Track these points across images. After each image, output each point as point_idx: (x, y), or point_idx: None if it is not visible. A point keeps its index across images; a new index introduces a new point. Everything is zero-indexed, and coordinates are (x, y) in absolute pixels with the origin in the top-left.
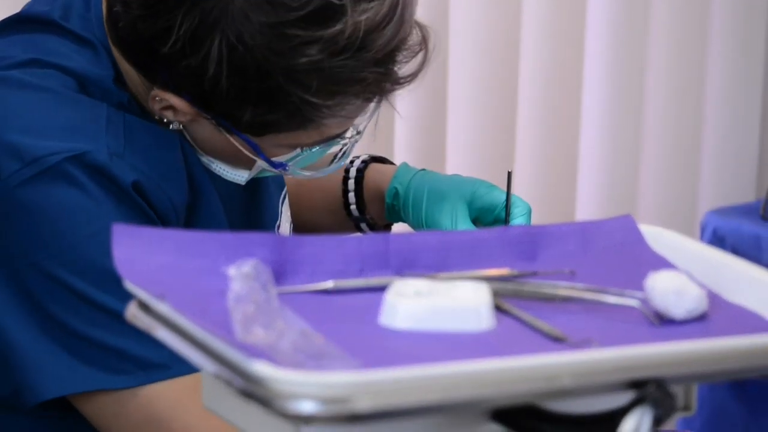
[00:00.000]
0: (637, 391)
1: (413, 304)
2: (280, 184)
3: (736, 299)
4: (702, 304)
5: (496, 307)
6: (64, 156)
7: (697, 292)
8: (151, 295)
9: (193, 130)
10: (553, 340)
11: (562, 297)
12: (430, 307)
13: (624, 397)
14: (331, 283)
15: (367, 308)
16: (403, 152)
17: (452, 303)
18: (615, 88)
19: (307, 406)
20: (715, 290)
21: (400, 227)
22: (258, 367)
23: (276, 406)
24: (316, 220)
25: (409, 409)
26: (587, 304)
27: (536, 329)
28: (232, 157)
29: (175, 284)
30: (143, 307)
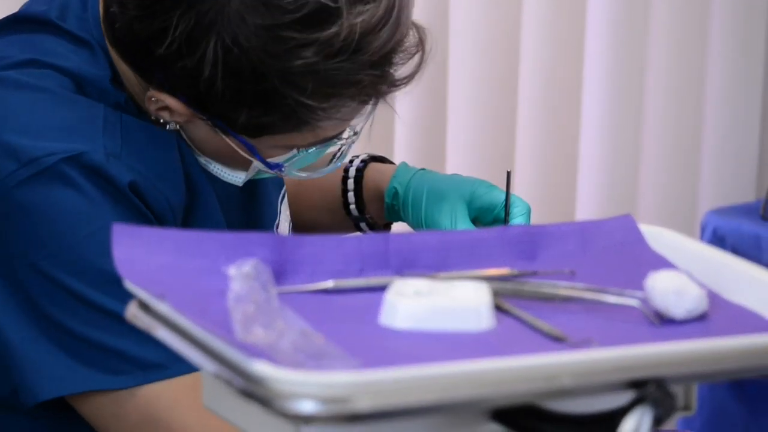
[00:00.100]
0: (637, 391)
1: (413, 303)
2: (279, 183)
3: (736, 299)
4: (702, 304)
5: (496, 307)
6: (61, 157)
7: (697, 292)
8: (151, 295)
9: (190, 131)
10: (553, 340)
11: (562, 297)
12: (430, 306)
13: (624, 397)
14: (331, 283)
15: (367, 308)
16: (403, 152)
17: (452, 303)
18: (615, 88)
19: (307, 406)
20: (715, 290)
21: (400, 227)
22: (258, 367)
23: (276, 406)
24: (316, 219)
25: (409, 409)
26: (587, 303)
27: (536, 329)
28: (229, 157)
29: (175, 284)
30: (143, 307)
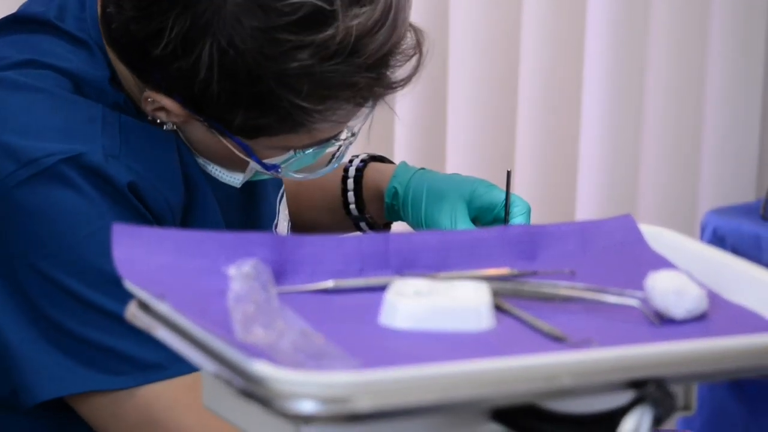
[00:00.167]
0: (636, 390)
1: (413, 303)
2: (278, 183)
3: (736, 299)
4: (702, 303)
5: (496, 307)
6: (60, 157)
7: (697, 292)
8: (151, 295)
9: (187, 132)
10: (553, 340)
11: (562, 297)
12: (430, 306)
13: (624, 397)
14: (331, 283)
15: (367, 308)
16: (403, 152)
17: (452, 303)
18: (615, 88)
19: (307, 406)
20: (715, 290)
21: (400, 226)
22: (258, 367)
23: (276, 406)
24: (316, 219)
25: (409, 409)
26: (587, 303)
27: (536, 329)
28: (226, 158)
29: (175, 284)
30: (143, 307)
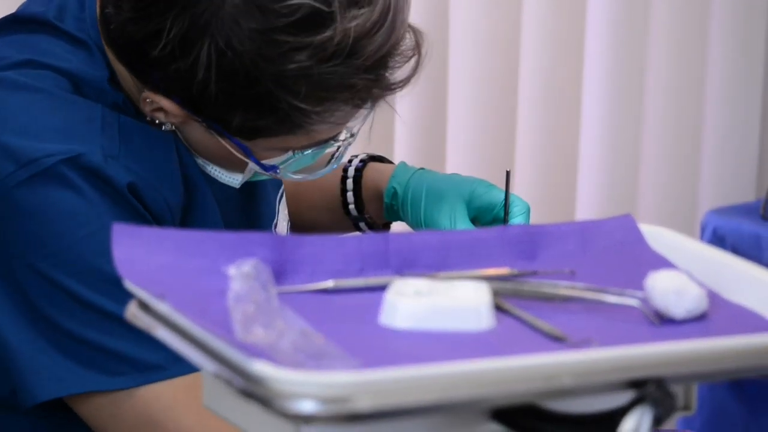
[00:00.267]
0: (636, 390)
1: (413, 303)
2: (277, 183)
3: (736, 299)
4: (702, 303)
5: (496, 307)
6: (59, 158)
7: (697, 291)
8: (151, 295)
9: (186, 132)
10: (553, 340)
11: (562, 296)
12: (430, 306)
13: (624, 397)
14: (331, 283)
15: (367, 308)
16: (403, 152)
17: (452, 303)
18: (615, 88)
19: (307, 406)
20: (715, 290)
21: (400, 226)
22: (258, 367)
23: (276, 406)
24: (315, 218)
25: (409, 409)
26: (587, 303)
27: (536, 329)
28: (225, 159)
29: (175, 284)
30: (143, 307)
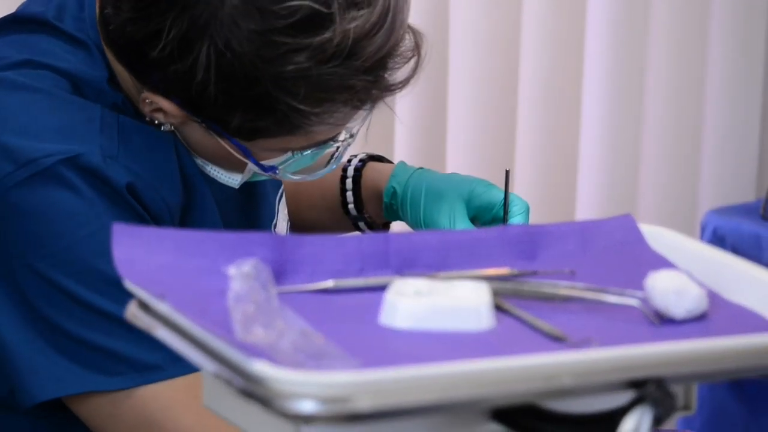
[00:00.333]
0: (636, 390)
1: (413, 303)
2: (277, 183)
3: (736, 299)
4: (702, 303)
5: (496, 307)
6: (58, 158)
7: (697, 291)
8: (151, 295)
9: (185, 133)
10: (553, 340)
11: (562, 296)
12: (430, 306)
13: (624, 397)
14: (331, 283)
15: (367, 308)
16: (403, 152)
17: (452, 302)
18: (615, 88)
19: (307, 406)
20: (715, 290)
21: (399, 226)
22: (258, 367)
23: (276, 406)
24: (315, 218)
25: (409, 409)
26: (587, 303)
27: (536, 329)
28: (224, 159)
29: (175, 284)
30: (143, 307)
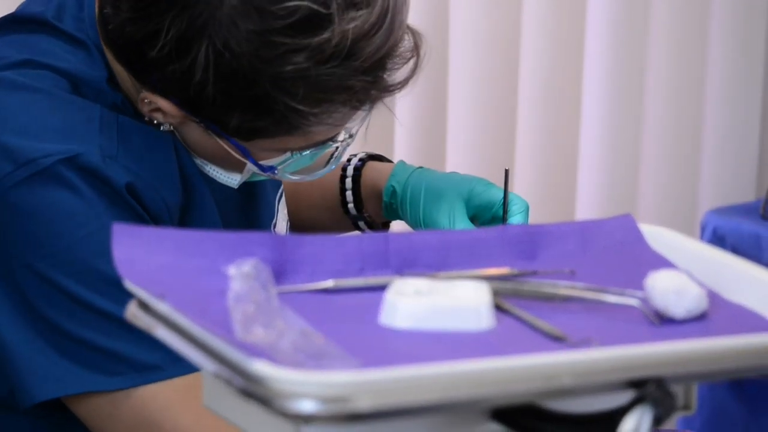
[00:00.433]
0: (636, 390)
1: (413, 303)
2: (277, 183)
3: (736, 299)
4: (702, 303)
5: (496, 307)
6: (58, 158)
7: (697, 291)
8: (151, 295)
9: (184, 132)
10: (553, 340)
11: (562, 296)
12: (430, 306)
13: (624, 397)
14: (332, 283)
15: (367, 308)
16: (402, 152)
17: (452, 302)
18: (615, 88)
19: (307, 406)
20: (715, 290)
21: (399, 225)
22: (258, 367)
23: (276, 406)
24: (315, 218)
25: (409, 409)
26: (587, 303)
27: (536, 329)
28: (223, 159)
29: (175, 284)
30: (143, 307)
